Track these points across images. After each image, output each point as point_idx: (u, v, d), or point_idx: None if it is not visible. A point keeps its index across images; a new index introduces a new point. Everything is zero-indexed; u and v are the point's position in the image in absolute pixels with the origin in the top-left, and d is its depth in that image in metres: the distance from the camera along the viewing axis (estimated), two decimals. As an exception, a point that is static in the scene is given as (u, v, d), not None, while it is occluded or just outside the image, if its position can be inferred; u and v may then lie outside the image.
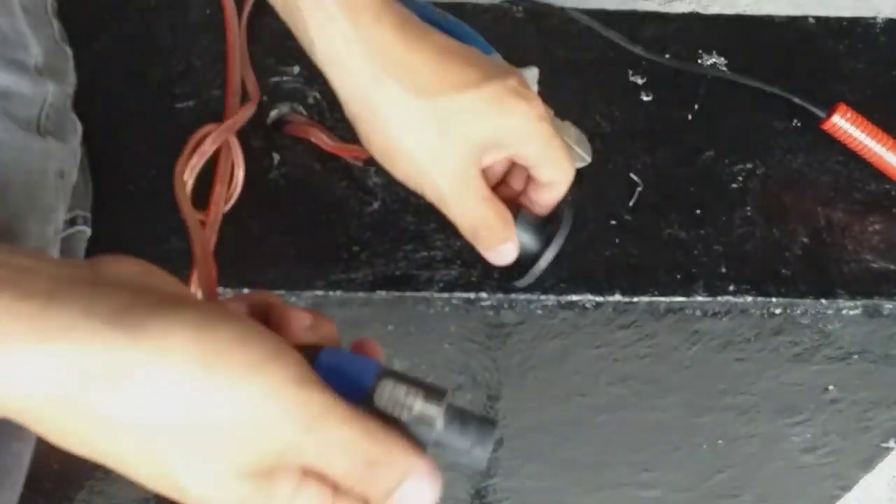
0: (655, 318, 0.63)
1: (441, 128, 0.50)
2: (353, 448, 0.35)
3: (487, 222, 0.53)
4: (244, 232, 0.61)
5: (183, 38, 0.67)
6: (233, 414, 0.32)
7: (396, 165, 0.52)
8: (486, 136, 0.51)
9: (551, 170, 0.53)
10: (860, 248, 0.65)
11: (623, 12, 0.72)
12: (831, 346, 0.69)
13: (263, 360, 0.33)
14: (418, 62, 0.49)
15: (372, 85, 0.49)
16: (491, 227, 0.53)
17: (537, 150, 0.52)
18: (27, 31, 0.52)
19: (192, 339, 0.32)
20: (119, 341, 0.31)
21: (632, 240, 0.63)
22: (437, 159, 0.50)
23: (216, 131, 0.61)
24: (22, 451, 0.51)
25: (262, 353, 0.33)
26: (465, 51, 0.51)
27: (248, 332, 0.34)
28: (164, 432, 0.32)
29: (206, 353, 0.32)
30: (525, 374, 0.72)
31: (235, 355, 0.33)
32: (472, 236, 0.54)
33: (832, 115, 0.67)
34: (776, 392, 0.75)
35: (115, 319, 0.32)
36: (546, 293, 0.61)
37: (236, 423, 0.32)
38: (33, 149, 0.49)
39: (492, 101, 0.50)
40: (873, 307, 0.64)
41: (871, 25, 0.74)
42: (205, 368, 0.32)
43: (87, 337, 0.31)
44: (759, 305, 0.63)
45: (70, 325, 0.31)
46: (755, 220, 0.65)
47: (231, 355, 0.33)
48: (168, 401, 0.32)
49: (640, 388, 0.74)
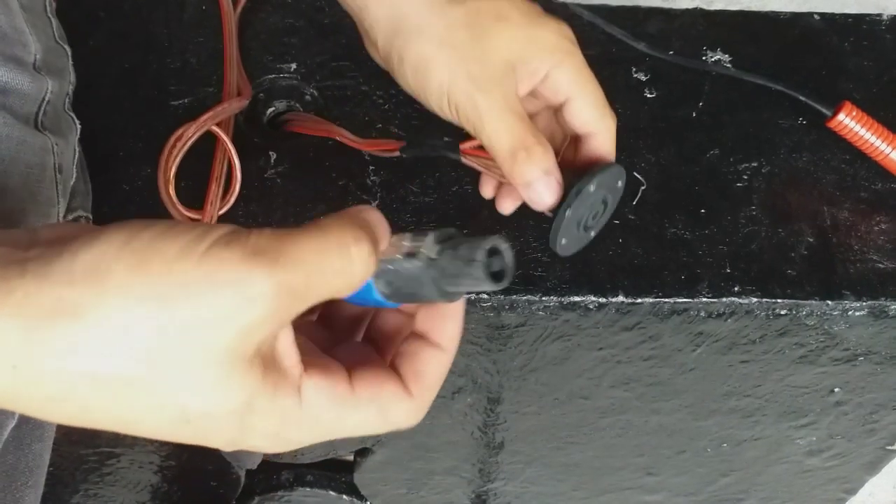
0: (659, 320, 0.63)
1: (473, 31, 0.49)
2: (321, 259, 0.32)
3: (526, 143, 0.49)
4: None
5: (178, 35, 0.67)
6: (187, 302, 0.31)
7: (430, 79, 0.50)
8: (516, 46, 0.49)
9: (585, 106, 0.51)
10: (866, 248, 0.65)
11: (626, 8, 0.71)
12: (837, 347, 0.68)
13: (193, 241, 0.31)
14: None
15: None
16: (529, 150, 0.49)
17: (569, 74, 0.50)
18: (26, 28, 0.52)
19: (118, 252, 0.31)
20: (54, 287, 0.30)
21: (635, 239, 0.63)
22: (470, 65, 0.49)
23: (197, 120, 0.59)
24: (42, 452, 0.51)
25: (191, 237, 0.31)
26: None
27: (173, 226, 0.32)
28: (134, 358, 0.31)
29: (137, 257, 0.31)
30: (526, 377, 0.71)
31: (165, 246, 0.31)
32: (509, 159, 0.49)
33: (838, 113, 0.66)
34: (781, 394, 0.75)
35: (47, 269, 0.31)
36: (548, 294, 0.61)
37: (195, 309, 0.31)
38: (32, 143, 0.49)
39: (522, 10, 0.50)
40: (879, 308, 0.63)
41: (876, 22, 0.74)
42: (141, 272, 0.31)
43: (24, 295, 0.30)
44: (765, 307, 0.62)
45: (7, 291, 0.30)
46: (760, 219, 0.64)
47: (161, 248, 0.31)
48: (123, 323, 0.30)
49: (644, 391, 0.74)
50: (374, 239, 0.34)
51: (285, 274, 0.31)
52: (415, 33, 0.50)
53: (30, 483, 0.50)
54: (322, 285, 0.33)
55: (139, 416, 0.32)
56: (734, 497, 0.93)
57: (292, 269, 0.32)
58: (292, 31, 0.67)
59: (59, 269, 0.31)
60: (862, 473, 0.90)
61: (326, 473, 0.87)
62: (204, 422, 0.32)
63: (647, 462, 0.87)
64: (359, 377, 0.36)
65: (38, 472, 0.51)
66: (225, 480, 0.83)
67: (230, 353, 0.31)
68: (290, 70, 0.66)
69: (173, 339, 0.31)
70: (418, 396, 0.37)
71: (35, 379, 0.31)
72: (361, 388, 0.36)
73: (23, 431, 0.50)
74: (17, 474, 0.49)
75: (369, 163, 0.63)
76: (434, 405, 0.40)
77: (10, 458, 0.49)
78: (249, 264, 0.31)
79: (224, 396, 0.32)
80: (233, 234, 0.32)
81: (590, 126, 0.51)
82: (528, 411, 0.77)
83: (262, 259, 0.31)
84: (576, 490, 0.92)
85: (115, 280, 0.30)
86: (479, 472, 0.86)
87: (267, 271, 0.31)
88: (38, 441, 0.51)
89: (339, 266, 0.33)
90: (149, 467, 0.79)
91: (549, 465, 0.86)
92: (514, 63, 0.49)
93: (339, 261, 0.33)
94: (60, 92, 0.54)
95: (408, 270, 0.36)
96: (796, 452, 0.84)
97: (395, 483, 0.87)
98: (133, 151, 0.62)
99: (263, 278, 0.31)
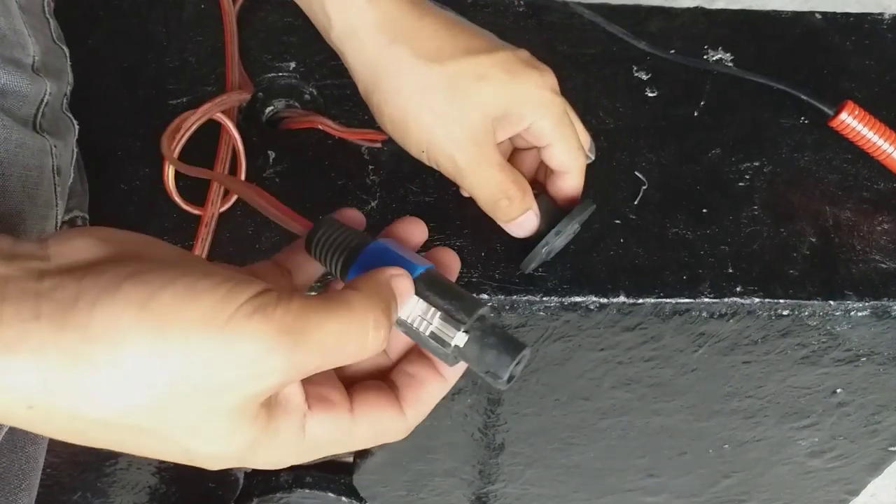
0: (661, 320, 0.62)
1: (452, 93, 0.50)
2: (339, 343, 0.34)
3: (507, 192, 0.52)
4: (240, 231, 0.60)
5: (177, 34, 0.66)
6: (203, 369, 0.31)
7: (409, 136, 0.51)
8: (498, 103, 0.50)
9: (563, 151, 0.53)
10: (869, 247, 0.64)
11: (627, 7, 0.71)
12: (839, 348, 0.68)
13: (215, 306, 0.31)
14: (429, 30, 0.50)
15: (384, 52, 0.50)
16: (510, 197, 0.52)
17: (550, 124, 0.52)
18: (25, 30, 0.51)
19: (138, 314, 0.31)
20: (71, 341, 0.31)
21: (636, 239, 0.62)
22: (449, 126, 0.50)
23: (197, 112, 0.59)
24: (36, 454, 0.52)
25: (213, 301, 0.31)
26: (475, 26, 0.52)
27: (194, 284, 0.32)
28: (146, 411, 0.32)
29: (156, 322, 0.31)
30: (527, 378, 0.71)
31: (186, 312, 0.31)
32: (492, 207, 0.53)
33: (840, 113, 0.66)
34: (783, 395, 0.75)
35: (63, 318, 0.31)
36: (548, 294, 0.60)
37: (209, 376, 0.31)
38: (31, 145, 0.49)
39: (503, 66, 0.50)
40: (882, 308, 0.63)
41: (878, 21, 0.74)
42: (159, 338, 0.31)
43: (40, 343, 0.31)
44: (767, 307, 0.62)
45: (22, 334, 0.30)
46: (762, 219, 0.64)
47: (181, 314, 0.31)
48: (137, 381, 0.31)
49: (645, 392, 0.73)
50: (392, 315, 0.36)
51: (304, 357, 0.32)
52: (392, 93, 0.50)
53: (23, 486, 0.50)
54: (334, 363, 0.34)
55: (145, 451, 0.34)
56: (736, 498, 0.93)
57: (311, 353, 0.33)
58: (291, 30, 0.67)
59: (75, 321, 0.31)
60: (864, 474, 0.90)
61: (325, 475, 0.87)
62: (208, 459, 0.34)
63: (648, 463, 0.86)
64: (360, 400, 0.38)
65: (31, 476, 0.51)
66: (223, 482, 0.83)
67: (237, 412, 0.33)
68: (288, 69, 0.66)
69: (185, 398, 0.32)
70: (411, 418, 0.39)
71: (49, 419, 0.32)
72: (361, 413, 0.37)
73: (17, 434, 0.49)
74: (10, 477, 0.49)
75: (368, 162, 0.63)
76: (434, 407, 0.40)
77: (3, 461, 0.49)
78: (271, 344, 0.32)
79: (227, 444, 0.33)
80: (259, 303, 0.32)
81: (564, 167, 0.54)
82: (528, 412, 0.76)
83: (284, 340, 0.32)
84: (576, 492, 0.91)
85: (132, 346, 0.31)
86: (479, 474, 0.86)
87: (286, 354, 0.32)
88: (32, 444, 0.51)
89: (355, 347, 0.34)
90: (147, 469, 0.79)
91: (550, 466, 0.86)
92: (495, 117, 0.51)
93: (356, 343, 0.34)
94: (59, 93, 0.54)
95: (430, 346, 0.39)
96: (798, 453, 0.84)
97: (394, 485, 0.87)
98: (131, 151, 0.62)
99: (281, 359, 0.32)
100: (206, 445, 0.33)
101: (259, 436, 0.34)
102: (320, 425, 0.36)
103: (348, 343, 0.34)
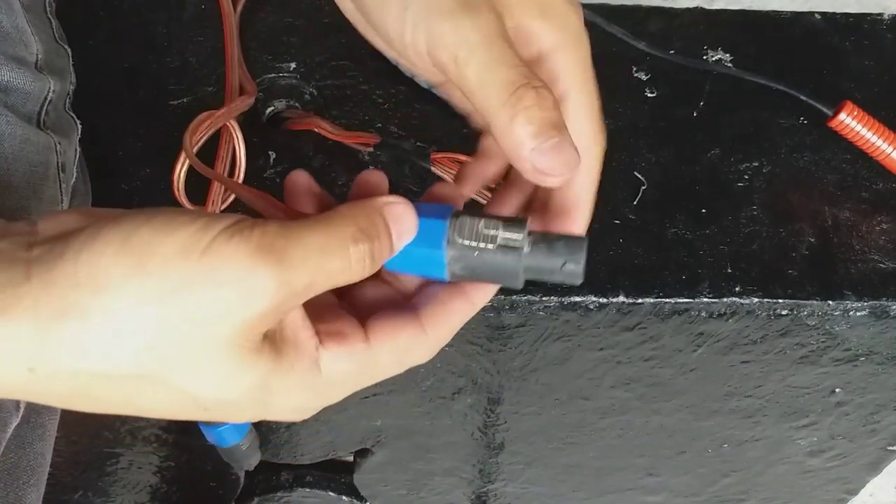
0: (660, 320, 0.63)
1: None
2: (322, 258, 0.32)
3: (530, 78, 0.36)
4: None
5: (178, 34, 0.66)
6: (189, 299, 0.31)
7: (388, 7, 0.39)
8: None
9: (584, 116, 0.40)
10: (867, 247, 0.64)
11: (627, 7, 0.71)
12: (838, 347, 0.68)
13: (193, 236, 0.31)
14: None
15: None
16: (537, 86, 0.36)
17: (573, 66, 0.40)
18: (28, 28, 0.52)
19: (118, 253, 0.31)
20: (61, 290, 0.31)
21: (636, 239, 0.62)
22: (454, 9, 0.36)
23: (212, 117, 0.59)
24: (44, 451, 0.52)
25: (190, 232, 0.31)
26: None
27: (171, 219, 0.32)
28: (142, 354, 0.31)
29: (136, 258, 0.31)
30: (526, 377, 0.71)
31: (164, 246, 0.31)
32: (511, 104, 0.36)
33: (839, 113, 0.66)
34: (782, 395, 0.75)
35: (51, 273, 0.31)
36: (548, 294, 0.60)
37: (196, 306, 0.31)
38: (36, 141, 0.49)
39: None
40: (881, 308, 0.63)
41: (877, 21, 0.74)
42: (140, 273, 0.31)
43: (34, 301, 0.30)
44: (766, 307, 0.62)
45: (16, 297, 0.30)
46: (761, 219, 0.64)
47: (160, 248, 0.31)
48: (126, 322, 0.31)
49: (644, 391, 0.74)
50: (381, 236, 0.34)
51: (289, 273, 0.31)
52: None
53: (31, 482, 0.50)
54: (324, 281, 0.33)
55: (156, 407, 0.33)
56: (735, 498, 0.93)
57: (296, 268, 0.32)
58: (291, 30, 0.67)
59: (63, 272, 0.31)
60: (863, 474, 0.90)
61: (326, 474, 0.87)
62: (221, 406, 0.33)
63: (647, 463, 0.86)
64: (375, 327, 0.36)
65: (39, 471, 0.51)
66: (224, 481, 0.83)
67: (235, 345, 0.32)
68: (289, 69, 0.66)
69: (176, 335, 0.31)
70: (433, 337, 0.37)
71: (52, 379, 0.31)
72: (378, 340, 0.36)
73: (24, 430, 0.50)
74: (18, 472, 0.49)
75: (369, 162, 0.63)
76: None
77: (11, 457, 0.49)
78: (253, 262, 0.31)
79: (235, 384, 0.32)
80: (236, 228, 0.32)
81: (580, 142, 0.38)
82: (528, 412, 0.76)
83: (266, 257, 0.31)
84: (576, 491, 0.91)
85: (114, 282, 0.30)
86: (479, 473, 0.86)
87: (270, 271, 0.31)
88: (39, 440, 0.51)
89: (339, 263, 0.33)
90: (148, 468, 0.79)
91: (550, 465, 0.86)
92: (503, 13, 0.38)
93: (339, 259, 0.33)
94: (62, 92, 0.54)
95: (497, 261, 0.36)
96: (797, 453, 0.84)
97: (394, 484, 0.87)
98: (132, 151, 0.62)
99: (267, 278, 0.31)
100: (214, 389, 0.32)
101: (269, 375, 0.33)
102: (336, 360, 0.35)
103: (332, 258, 0.33)
